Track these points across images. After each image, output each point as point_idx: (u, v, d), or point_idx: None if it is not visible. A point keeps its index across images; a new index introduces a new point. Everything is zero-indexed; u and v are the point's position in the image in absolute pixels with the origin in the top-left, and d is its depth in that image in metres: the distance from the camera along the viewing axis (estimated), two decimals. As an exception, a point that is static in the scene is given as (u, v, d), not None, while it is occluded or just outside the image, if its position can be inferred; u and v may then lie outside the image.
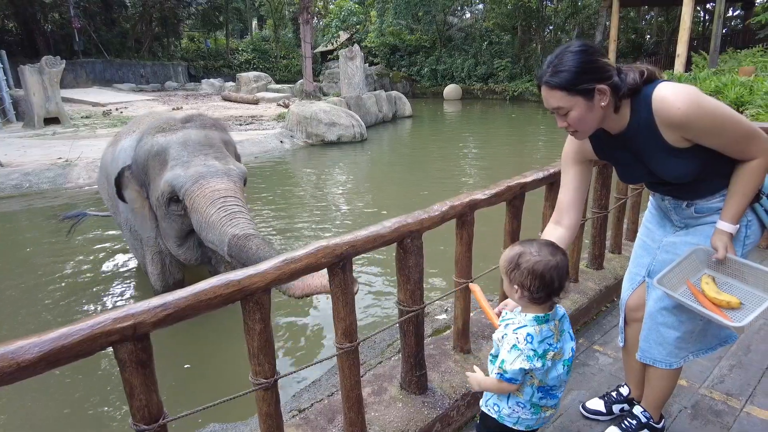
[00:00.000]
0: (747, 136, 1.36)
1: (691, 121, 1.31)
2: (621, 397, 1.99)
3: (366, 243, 1.58)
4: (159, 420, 1.25)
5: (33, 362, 1.01)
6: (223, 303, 1.27)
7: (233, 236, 2.68)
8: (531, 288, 1.27)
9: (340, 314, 1.57)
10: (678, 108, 1.30)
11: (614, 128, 1.45)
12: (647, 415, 1.81)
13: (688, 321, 1.61)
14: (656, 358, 1.71)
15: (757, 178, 1.41)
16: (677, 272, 1.56)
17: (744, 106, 8.01)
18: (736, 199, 1.43)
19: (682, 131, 1.34)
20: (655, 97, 1.34)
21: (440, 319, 2.66)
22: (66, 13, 21.49)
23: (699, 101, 1.30)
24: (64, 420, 2.88)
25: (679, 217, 1.62)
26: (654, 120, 1.36)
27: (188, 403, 2.73)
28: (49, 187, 7.93)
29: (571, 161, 1.64)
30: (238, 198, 2.90)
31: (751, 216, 1.52)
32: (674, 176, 1.45)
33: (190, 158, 3.03)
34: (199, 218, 2.88)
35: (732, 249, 1.48)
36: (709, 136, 1.34)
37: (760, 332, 2.58)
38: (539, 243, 1.32)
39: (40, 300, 4.23)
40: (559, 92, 1.34)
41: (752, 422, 1.97)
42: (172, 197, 3.05)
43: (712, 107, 1.31)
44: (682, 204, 1.57)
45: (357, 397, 1.66)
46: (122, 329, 1.13)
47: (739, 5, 19.32)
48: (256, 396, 1.44)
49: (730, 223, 1.45)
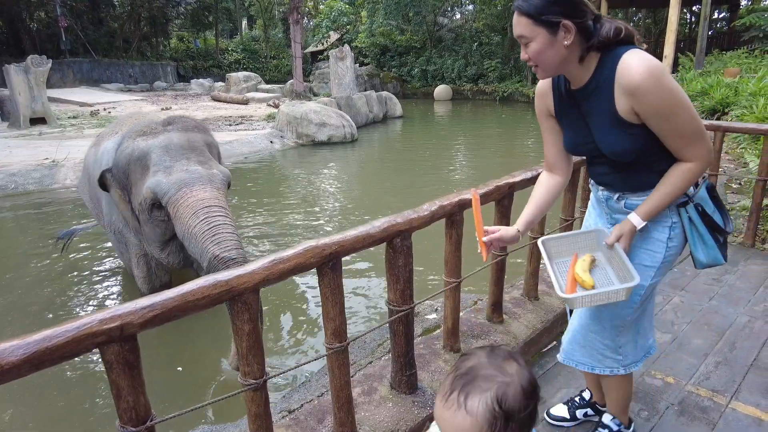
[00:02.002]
0: (693, 133, 1.31)
1: (646, 91, 1.25)
2: (584, 402, 1.97)
3: (355, 243, 1.58)
4: (147, 422, 1.23)
5: (16, 365, 1.00)
6: (211, 304, 1.26)
7: (214, 257, 2.61)
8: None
9: (330, 314, 1.57)
10: (639, 74, 1.25)
11: (576, 80, 1.40)
12: (617, 422, 1.79)
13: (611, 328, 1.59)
14: (579, 360, 1.71)
15: (683, 182, 1.37)
16: (569, 242, 1.59)
17: (729, 107, 8.14)
18: (655, 196, 1.40)
19: (635, 101, 1.28)
20: (623, 60, 1.28)
21: (430, 319, 2.66)
22: (52, 11, 21.24)
23: (661, 76, 1.25)
24: (57, 419, 2.85)
25: (610, 210, 1.59)
26: (613, 82, 1.31)
27: (177, 404, 2.71)
28: (35, 188, 7.82)
29: (543, 116, 1.59)
30: (222, 207, 2.83)
31: (676, 219, 1.47)
32: (611, 150, 1.40)
33: (172, 163, 2.95)
34: (183, 228, 2.82)
35: (626, 242, 1.44)
36: (658, 116, 1.29)
37: (744, 330, 2.62)
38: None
39: (27, 304, 4.17)
40: (525, 19, 1.29)
41: (737, 418, 2.00)
42: (155, 203, 2.99)
43: (671, 87, 1.26)
44: (614, 196, 1.54)
45: (347, 397, 1.66)
46: (109, 330, 1.12)
47: (725, 8, 19.60)
48: (245, 397, 1.43)
49: (640, 217, 1.42)
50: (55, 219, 6.52)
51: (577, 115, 1.46)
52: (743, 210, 4.27)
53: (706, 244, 1.46)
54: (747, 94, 8.01)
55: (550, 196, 1.63)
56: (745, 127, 4.12)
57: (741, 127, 4.14)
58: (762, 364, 2.33)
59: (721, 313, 2.80)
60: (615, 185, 1.52)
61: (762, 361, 2.36)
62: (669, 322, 2.72)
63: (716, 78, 9.82)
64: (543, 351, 2.52)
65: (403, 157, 10.76)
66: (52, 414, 2.90)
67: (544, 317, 2.55)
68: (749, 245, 3.67)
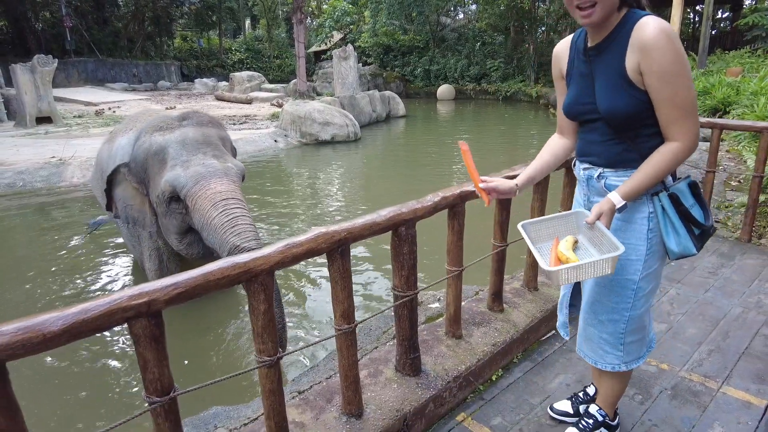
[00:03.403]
0: (687, 105, 1.35)
1: (656, 47, 1.31)
2: (588, 397, 1.99)
3: (363, 230, 1.67)
4: (170, 393, 1.33)
5: (57, 334, 1.09)
6: (230, 284, 1.35)
7: (235, 246, 2.72)
8: None
9: (339, 297, 1.66)
10: (653, 30, 1.31)
11: (597, 35, 1.46)
12: (603, 414, 1.83)
13: (608, 322, 1.62)
14: (586, 353, 1.74)
15: (665, 164, 1.39)
16: (550, 226, 1.60)
17: (730, 106, 8.19)
18: (637, 176, 1.43)
19: (643, 57, 1.34)
20: (642, 20, 1.35)
21: (433, 308, 2.75)
22: (57, 11, 21.38)
23: (674, 38, 1.31)
24: (86, 393, 3.04)
25: (590, 192, 1.62)
26: (629, 38, 1.37)
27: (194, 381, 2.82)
28: (43, 186, 7.94)
29: (557, 79, 1.67)
30: (239, 199, 2.94)
31: (652, 209, 1.50)
32: (608, 106, 1.44)
33: (189, 157, 3.07)
34: (201, 219, 2.93)
35: (606, 219, 1.45)
36: (660, 77, 1.33)
37: (737, 320, 2.71)
38: None
39: (37, 298, 4.28)
40: None
41: (728, 401, 2.09)
42: (173, 196, 3.10)
43: (680, 51, 1.32)
44: (595, 174, 1.56)
45: (354, 377, 1.75)
46: (137, 306, 1.21)
47: (728, 7, 19.62)
48: (259, 373, 1.53)
49: (619, 195, 1.43)
50: (63, 215, 6.63)
51: (587, 73, 1.51)
52: (741, 206, 4.34)
53: (678, 234, 1.49)
54: (748, 94, 8.06)
55: (555, 157, 1.69)
56: (741, 124, 4.19)
57: (737, 124, 4.21)
58: (753, 352, 2.42)
59: (716, 304, 2.89)
60: (599, 157, 1.55)
61: (753, 349, 2.45)
62: (665, 313, 2.81)
63: (718, 77, 9.87)
64: (542, 339, 2.61)
65: (406, 156, 10.85)
66: (78, 390, 3.05)
67: (543, 307, 2.64)
68: (746, 240, 3.75)
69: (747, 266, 3.36)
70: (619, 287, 1.57)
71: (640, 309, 1.59)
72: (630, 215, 1.52)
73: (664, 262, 1.59)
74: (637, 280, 1.54)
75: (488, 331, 2.38)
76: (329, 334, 1.75)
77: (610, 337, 1.64)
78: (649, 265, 1.54)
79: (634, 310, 1.58)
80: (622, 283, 1.56)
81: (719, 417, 2.00)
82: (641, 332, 1.65)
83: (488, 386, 2.24)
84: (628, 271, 1.54)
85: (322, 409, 1.85)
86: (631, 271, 1.54)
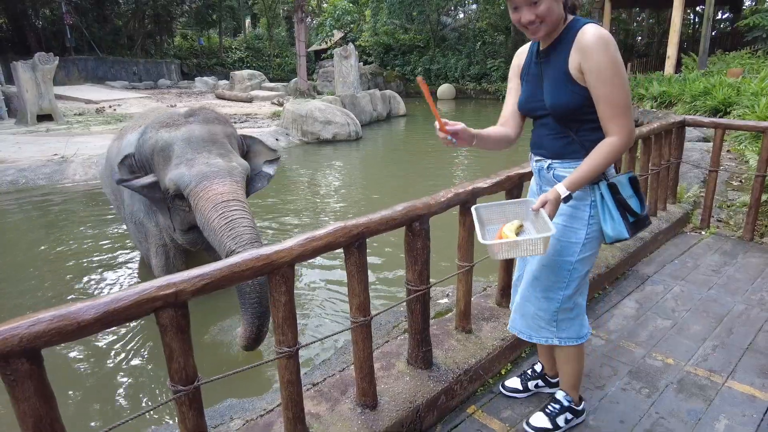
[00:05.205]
0: (621, 105, 1.50)
1: (594, 51, 1.46)
2: (535, 374, 2.15)
3: (379, 225, 1.70)
4: (194, 382, 1.36)
5: (90, 322, 1.13)
6: (254, 275, 1.39)
7: (230, 251, 2.75)
8: None
9: (355, 290, 1.70)
10: (592, 36, 1.47)
11: (547, 40, 1.61)
12: (569, 399, 1.93)
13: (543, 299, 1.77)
14: (520, 329, 1.89)
15: (605, 157, 1.53)
16: (500, 210, 1.74)
17: (731, 106, 8.24)
18: (580, 168, 1.56)
19: (583, 58, 1.49)
20: (585, 27, 1.50)
21: (442, 303, 2.79)
22: (57, 9, 21.40)
23: (610, 43, 1.46)
24: (110, 382, 3.05)
25: (542, 182, 1.79)
26: (572, 42, 1.52)
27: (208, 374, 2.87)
28: (45, 183, 7.95)
29: (514, 75, 1.83)
30: (240, 201, 2.93)
31: (594, 197, 1.65)
32: (553, 102, 1.60)
33: (193, 155, 3.07)
34: (202, 219, 2.94)
35: (551, 208, 1.56)
36: (597, 77, 1.48)
37: (741, 317, 2.75)
38: None
39: (39, 297, 4.30)
40: None
41: (732, 395, 2.13)
42: (177, 194, 3.11)
43: (615, 56, 1.46)
44: (545, 165, 1.73)
45: (369, 369, 1.79)
46: (165, 296, 1.24)
47: (728, 8, 19.69)
48: (278, 364, 1.56)
49: (564, 186, 1.57)
50: (66, 213, 6.65)
51: (538, 74, 1.68)
52: (743, 206, 4.39)
53: (613, 220, 1.64)
54: (749, 94, 8.11)
55: (501, 135, 1.80)
56: (744, 124, 4.22)
57: (740, 124, 4.24)
58: (757, 348, 2.46)
59: (720, 301, 2.93)
60: (548, 150, 1.71)
61: (758, 344, 2.49)
62: (669, 310, 2.85)
63: (719, 78, 9.92)
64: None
65: (407, 155, 10.89)
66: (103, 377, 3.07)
67: (551, 303, 2.67)
68: (748, 239, 3.80)
69: (750, 264, 3.41)
70: (558, 267, 1.73)
71: (574, 289, 1.75)
72: (575, 202, 1.67)
73: (599, 248, 1.77)
74: (574, 262, 1.71)
75: (497, 325, 2.42)
76: (343, 327, 1.78)
77: (544, 313, 1.79)
78: (586, 248, 1.70)
79: (568, 289, 1.74)
80: (560, 264, 1.72)
81: (724, 410, 2.04)
82: (574, 311, 1.80)
83: (498, 380, 2.27)
84: (568, 253, 1.70)
85: (337, 401, 1.89)
86: (570, 252, 1.70)
